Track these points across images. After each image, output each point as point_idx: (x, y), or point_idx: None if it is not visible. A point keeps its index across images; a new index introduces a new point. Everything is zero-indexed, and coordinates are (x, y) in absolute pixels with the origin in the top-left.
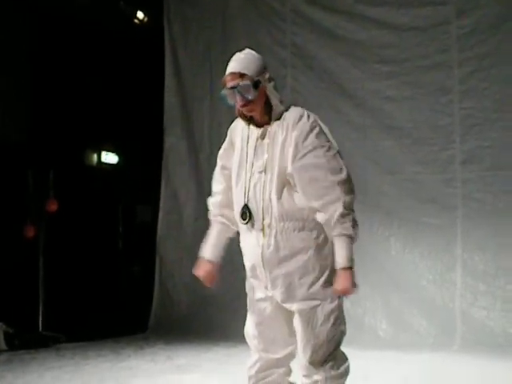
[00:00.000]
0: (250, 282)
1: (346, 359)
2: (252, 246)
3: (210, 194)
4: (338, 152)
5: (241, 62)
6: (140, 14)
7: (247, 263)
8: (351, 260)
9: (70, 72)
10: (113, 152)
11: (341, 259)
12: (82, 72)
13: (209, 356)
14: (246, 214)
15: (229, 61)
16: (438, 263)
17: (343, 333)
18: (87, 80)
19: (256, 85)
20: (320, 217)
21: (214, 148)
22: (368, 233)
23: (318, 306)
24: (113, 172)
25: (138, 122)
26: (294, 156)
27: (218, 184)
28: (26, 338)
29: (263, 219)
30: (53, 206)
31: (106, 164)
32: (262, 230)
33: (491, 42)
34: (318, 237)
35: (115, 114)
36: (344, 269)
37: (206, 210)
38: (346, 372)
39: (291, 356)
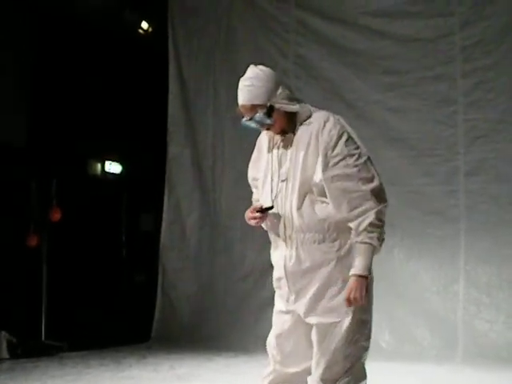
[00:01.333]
0: (276, 293)
1: (364, 378)
2: (277, 257)
3: (214, 203)
4: (369, 158)
5: (249, 92)
6: (144, 24)
7: (275, 273)
8: (369, 269)
9: (74, 81)
10: (116, 161)
11: (359, 266)
12: (87, 81)
13: (210, 366)
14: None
15: (240, 73)
16: (442, 275)
17: (364, 348)
18: (91, 89)
19: (270, 111)
20: (351, 225)
21: (217, 157)
22: None
23: (338, 322)
24: (116, 181)
25: (141, 132)
26: (325, 166)
27: (255, 193)
28: (28, 346)
29: (285, 229)
30: (56, 215)
31: (109, 173)
32: (285, 241)
33: (496, 54)
34: (339, 249)
35: (119, 123)
36: (360, 276)
37: (210, 219)
38: None
39: (307, 373)
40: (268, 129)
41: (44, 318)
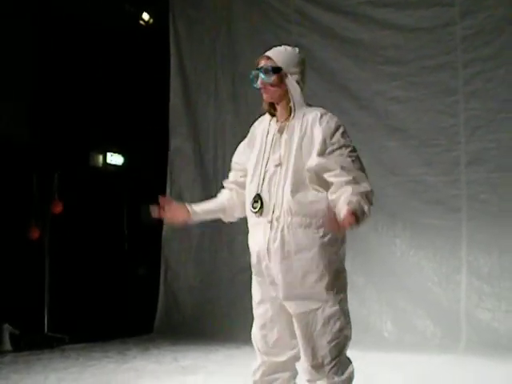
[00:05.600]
0: (254, 283)
1: (350, 363)
2: (258, 239)
3: (215, 195)
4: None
5: (275, 49)
6: (145, 16)
7: (253, 258)
8: (363, 212)
9: (74, 73)
10: (118, 153)
11: (348, 201)
12: (87, 73)
13: (214, 357)
14: (258, 202)
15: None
16: (443, 265)
17: (347, 337)
18: (92, 81)
19: (276, 70)
20: (345, 186)
21: (218, 149)
22: (373, 234)
23: (318, 309)
24: (118, 173)
25: (143, 123)
26: (322, 151)
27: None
28: (31, 339)
29: (273, 212)
30: (58, 208)
31: (111, 165)
32: (271, 222)
33: (496, 44)
34: (324, 236)
35: (120, 115)
36: (353, 213)
37: None
38: (351, 378)
39: (295, 359)
40: (262, 89)
41: (47, 310)
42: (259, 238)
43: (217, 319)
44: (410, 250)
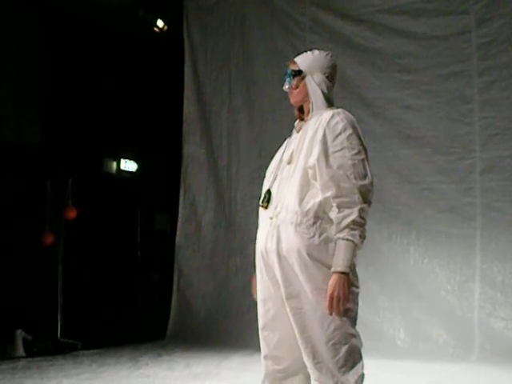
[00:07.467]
0: (257, 281)
1: (359, 362)
2: (261, 235)
3: (229, 201)
4: (367, 158)
5: (304, 53)
6: (160, 23)
7: (256, 255)
8: (349, 267)
9: (89, 80)
10: (132, 160)
11: (339, 262)
12: (102, 80)
13: (226, 364)
14: (266, 196)
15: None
16: (457, 273)
17: (351, 334)
18: (106, 88)
19: (297, 73)
20: (333, 214)
21: (232, 156)
22: (387, 242)
23: (312, 309)
24: (132, 180)
25: (157, 130)
26: (323, 152)
27: None
28: (44, 344)
29: (275, 208)
30: (71, 214)
31: (125, 172)
32: (271, 218)
33: (511, 52)
34: (313, 237)
35: (135, 121)
36: (339, 273)
37: (225, 218)
38: (359, 377)
39: (301, 362)
40: (289, 95)
41: (60, 316)
42: (262, 233)
43: (230, 326)
44: (423, 258)
